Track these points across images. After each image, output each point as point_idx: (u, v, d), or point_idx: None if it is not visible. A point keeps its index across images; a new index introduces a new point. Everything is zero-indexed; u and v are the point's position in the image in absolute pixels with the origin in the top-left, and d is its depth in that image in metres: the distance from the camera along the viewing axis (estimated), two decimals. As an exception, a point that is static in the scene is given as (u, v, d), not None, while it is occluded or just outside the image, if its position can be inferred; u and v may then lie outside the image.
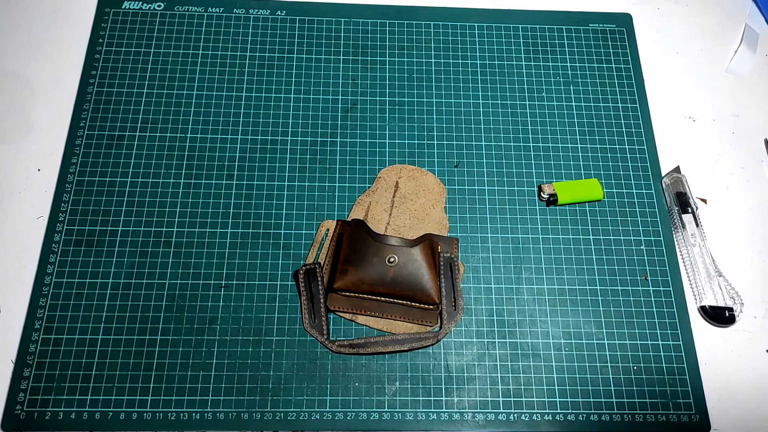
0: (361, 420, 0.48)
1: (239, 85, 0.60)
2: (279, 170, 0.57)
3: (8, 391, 0.48)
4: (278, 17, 0.64)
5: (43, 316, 0.50)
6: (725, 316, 0.53)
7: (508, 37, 0.64)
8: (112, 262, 0.52)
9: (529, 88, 0.62)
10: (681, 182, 0.57)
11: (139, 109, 0.59)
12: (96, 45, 0.61)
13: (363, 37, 0.63)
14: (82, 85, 0.59)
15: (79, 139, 0.57)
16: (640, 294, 0.53)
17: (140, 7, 0.63)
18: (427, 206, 0.55)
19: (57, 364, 0.49)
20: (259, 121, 0.59)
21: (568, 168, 0.58)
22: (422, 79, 0.62)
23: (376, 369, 0.50)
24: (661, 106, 0.62)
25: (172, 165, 0.56)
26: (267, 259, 0.53)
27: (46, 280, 0.51)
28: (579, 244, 0.55)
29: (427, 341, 0.50)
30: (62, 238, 0.53)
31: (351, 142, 0.58)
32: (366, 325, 0.51)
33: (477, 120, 0.60)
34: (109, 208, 0.54)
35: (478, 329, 0.51)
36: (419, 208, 0.55)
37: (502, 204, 0.56)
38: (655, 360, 0.51)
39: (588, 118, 0.61)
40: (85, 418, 0.47)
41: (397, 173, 0.57)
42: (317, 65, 0.62)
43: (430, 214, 0.55)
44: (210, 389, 0.48)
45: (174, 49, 0.62)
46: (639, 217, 0.56)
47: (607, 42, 0.65)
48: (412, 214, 0.55)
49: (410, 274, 0.50)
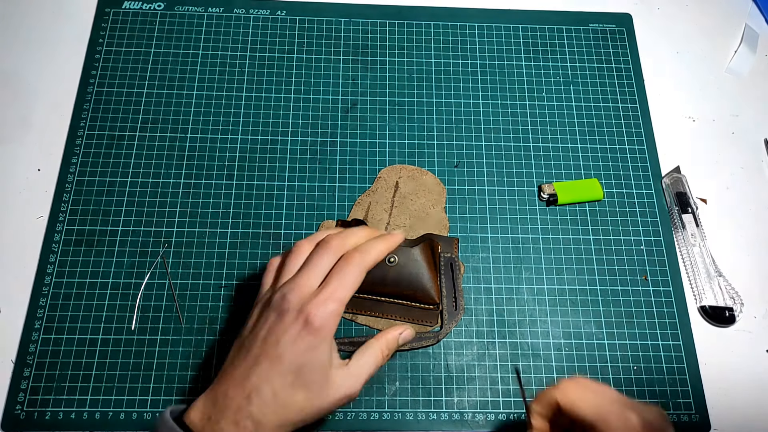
0: (361, 420, 0.48)
1: (239, 85, 0.60)
2: (279, 170, 0.57)
3: (8, 391, 0.48)
4: (278, 17, 0.64)
5: (43, 316, 0.50)
6: (725, 316, 0.53)
7: (508, 37, 0.64)
8: (112, 262, 0.52)
9: (529, 88, 0.62)
10: (681, 182, 0.57)
11: (139, 109, 0.59)
12: (96, 45, 0.61)
13: (363, 37, 0.63)
14: (82, 85, 0.59)
15: (79, 139, 0.57)
16: (640, 294, 0.53)
17: (140, 7, 0.63)
18: (427, 206, 0.55)
19: (57, 364, 0.49)
20: (259, 121, 0.59)
21: (568, 168, 0.58)
22: (422, 79, 0.62)
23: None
24: (661, 106, 0.62)
25: (172, 165, 0.56)
26: (267, 259, 0.53)
27: (46, 280, 0.51)
28: (579, 244, 0.55)
29: (427, 341, 0.50)
30: (62, 238, 0.53)
31: (351, 142, 0.58)
32: (366, 324, 0.51)
33: (477, 120, 0.60)
34: (109, 208, 0.54)
35: (478, 329, 0.51)
36: (419, 208, 0.55)
37: (502, 204, 0.56)
38: (655, 360, 0.51)
39: (588, 118, 0.61)
40: (85, 418, 0.47)
41: (397, 173, 0.57)
42: (317, 65, 0.62)
43: (430, 214, 0.55)
44: (210, 389, 0.48)
45: (174, 49, 0.62)
46: (639, 217, 0.56)
47: (607, 42, 0.65)
48: (412, 214, 0.55)
49: (410, 274, 0.50)
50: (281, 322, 0.39)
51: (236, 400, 0.37)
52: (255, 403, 0.37)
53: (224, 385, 0.38)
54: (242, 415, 0.37)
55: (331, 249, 0.42)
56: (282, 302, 0.40)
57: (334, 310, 0.39)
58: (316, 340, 0.38)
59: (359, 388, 0.41)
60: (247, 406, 0.37)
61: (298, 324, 0.38)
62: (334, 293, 0.40)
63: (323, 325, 0.38)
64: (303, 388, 0.38)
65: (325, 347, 0.39)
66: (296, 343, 0.38)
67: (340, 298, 0.40)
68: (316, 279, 0.41)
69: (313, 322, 0.38)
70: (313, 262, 0.41)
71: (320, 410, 0.39)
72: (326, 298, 0.39)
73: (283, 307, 0.39)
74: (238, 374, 0.38)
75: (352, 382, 0.40)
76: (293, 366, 0.38)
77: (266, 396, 0.37)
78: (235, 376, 0.38)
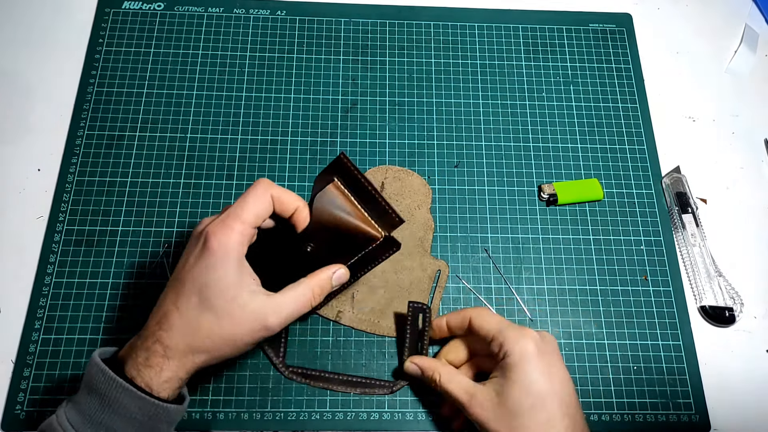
0: (361, 420, 0.48)
1: (239, 85, 0.60)
2: (279, 170, 0.57)
3: (8, 391, 0.48)
4: (278, 17, 0.64)
5: (43, 316, 0.50)
6: (725, 316, 0.53)
7: (508, 37, 0.64)
8: (112, 262, 0.52)
9: (529, 88, 0.62)
10: (681, 182, 0.57)
11: (139, 109, 0.59)
12: (96, 45, 0.61)
13: (363, 37, 0.63)
14: (82, 85, 0.59)
15: (79, 139, 0.57)
16: (640, 294, 0.53)
17: (140, 7, 0.63)
18: (413, 207, 0.55)
19: (57, 364, 0.49)
20: (259, 121, 0.59)
21: (568, 168, 0.58)
22: (422, 79, 0.62)
23: (376, 369, 0.50)
24: (661, 106, 0.62)
25: (172, 165, 0.56)
26: (267, 259, 0.53)
27: (46, 280, 0.51)
28: (579, 244, 0.55)
29: (380, 390, 0.49)
30: (62, 238, 0.53)
31: (351, 142, 0.58)
32: (350, 326, 0.51)
33: (477, 120, 0.60)
34: (109, 208, 0.54)
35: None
36: (404, 209, 0.55)
37: (502, 204, 0.56)
38: (655, 360, 0.51)
39: (588, 118, 0.61)
40: (85, 418, 0.47)
41: (383, 174, 0.57)
42: (317, 65, 0.62)
43: (416, 215, 0.55)
44: (210, 389, 0.48)
45: (174, 49, 0.62)
46: (639, 217, 0.56)
47: (607, 42, 0.65)
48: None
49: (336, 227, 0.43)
50: (187, 248, 0.40)
51: (150, 327, 0.39)
52: (164, 327, 0.38)
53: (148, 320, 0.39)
54: (152, 339, 0.38)
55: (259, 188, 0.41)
56: (193, 232, 0.41)
57: (234, 229, 0.39)
58: (213, 258, 0.38)
59: (280, 322, 0.39)
60: (158, 331, 0.38)
61: (198, 246, 0.39)
62: (235, 213, 0.39)
63: (221, 243, 0.38)
64: (208, 310, 0.38)
65: (227, 267, 0.38)
66: (196, 263, 0.39)
67: (241, 217, 0.39)
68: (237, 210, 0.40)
69: (210, 240, 0.38)
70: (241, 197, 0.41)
71: (233, 337, 0.38)
72: (224, 218, 0.39)
73: (192, 236, 0.41)
74: (156, 307, 0.40)
75: (271, 312, 0.39)
76: (195, 287, 0.38)
77: (173, 319, 0.38)
78: (155, 309, 0.40)
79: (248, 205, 0.40)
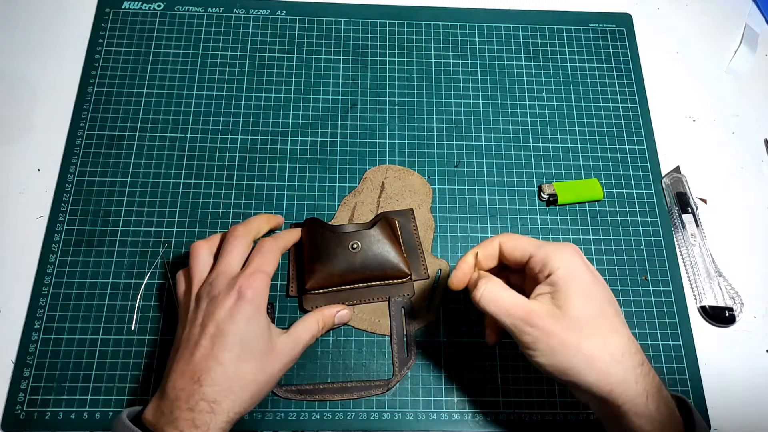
0: (361, 420, 0.48)
1: (239, 85, 0.60)
2: (279, 170, 0.57)
3: (8, 391, 0.48)
4: (278, 17, 0.64)
5: (43, 316, 0.50)
6: (725, 316, 0.53)
7: (508, 37, 0.64)
8: (112, 262, 0.52)
9: (529, 88, 0.62)
10: (681, 182, 0.57)
11: (139, 109, 0.59)
12: (96, 45, 0.61)
13: (363, 37, 0.63)
14: (82, 85, 0.59)
15: (79, 139, 0.57)
16: (640, 294, 0.53)
17: (140, 7, 0.63)
18: (413, 206, 0.55)
19: (57, 364, 0.49)
20: (259, 121, 0.59)
21: (568, 168, 0.58)
22: (422, 79, 0.62)
23: (376, 369, 0.50)
24: (661, 106, 0.62)
25: (172, 165, 0.56)
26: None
27: (46, 280, 0.51)
28: (579, 244, 0.55)
29: (377, 389, 0.49)
30: (62, 238, 0.53)
31: (351, 142, 0.58)
32: (350, 326, 0.51)
33: (477, 120, 0.60)
34: (109, 208, 0.54)
35: (479, 329, 0.51)
36: (405, 208, 0.55)
37: (502, 204, 0.56)
38: (655, 360, 0.51)
39: (588, 118, 0.61)
40: (85, 418, 0.47)
41: (383, 173, 0.57)
42: (317, 65, 0.62)
43: (416, 214, 0.55)
44: (210, 389, 0.48)
45: (174, 49, 0.62)
46: (639, 217, 0.56)
47: (607, 42, 0.65)
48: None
49: (376, 255, 0.51)
50: (215, 303, 0.40)
51: (186, 388, 0.38)
52: (206, 384, 0.38)
53: (172, 379, 0.39)
54: (196, 399, 0.37)
55: (240, 235, 0.45)
56: (211, 289, 0.41)
57: (263, 280, 0.42)
58: (252, 309, 0.40)
59: (299, 351, 0.44)
60: (199, 389, 0.37)
61: (231, 298, 0.40)
62: (260, 267, 0.42)
63: (256, 294, 0.41)
64: (251, 358, 0.40)
65: (261, 316, 0.41)
66: (234, 316, 0.40)
67: (266, 271, 0.42)
68: (236, 262, 0.43)
69: (245, 293, 0.40)
70: (227, 250, 0.44)
71: (272, 377, 0.41)
72: (253, 271, 0.42)
73: (213, 292, 0.41)
74: (183, 365, 0.39)
75: (293, 346, 0.43)
76: (237, 338, 0.39)
77: (217, 374, 0.38)
78: (181, 367, 0.39)
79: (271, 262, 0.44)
